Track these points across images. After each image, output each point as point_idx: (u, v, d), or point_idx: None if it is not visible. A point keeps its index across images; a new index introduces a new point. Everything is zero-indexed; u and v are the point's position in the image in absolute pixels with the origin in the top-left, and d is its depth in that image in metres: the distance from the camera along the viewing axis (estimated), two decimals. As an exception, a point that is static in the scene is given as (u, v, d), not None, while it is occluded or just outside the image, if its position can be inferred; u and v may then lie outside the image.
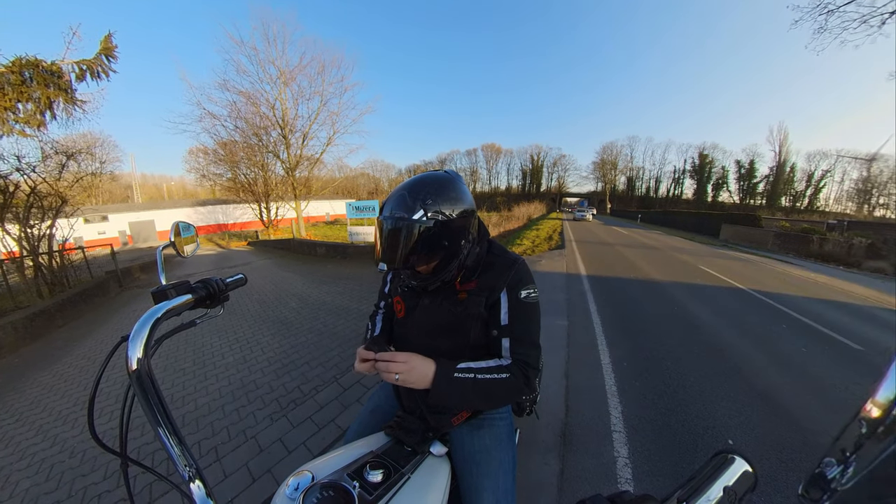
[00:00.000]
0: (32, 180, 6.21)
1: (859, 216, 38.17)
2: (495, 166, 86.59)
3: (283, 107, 19.66)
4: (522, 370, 0.82)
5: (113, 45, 5.93)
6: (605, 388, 2.73)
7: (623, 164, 70.08)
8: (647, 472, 1.88)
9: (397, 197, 0.80)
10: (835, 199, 49.50)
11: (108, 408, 2.75)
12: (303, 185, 21.28)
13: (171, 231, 0.92)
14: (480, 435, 0.92)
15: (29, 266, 6.34)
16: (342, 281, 6.98)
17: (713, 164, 58.40)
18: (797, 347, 3.66)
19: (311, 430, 2.26)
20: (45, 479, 2.00)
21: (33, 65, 5.20)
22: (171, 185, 57.85)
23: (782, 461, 1.97)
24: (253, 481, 1.85)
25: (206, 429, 2.35)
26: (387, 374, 0.76)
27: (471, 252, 0.87)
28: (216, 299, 0.75)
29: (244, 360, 3.42)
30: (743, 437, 2.19)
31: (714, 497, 0.39)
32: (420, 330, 0.93)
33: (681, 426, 2.27)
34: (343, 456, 0.80)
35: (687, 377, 2.94)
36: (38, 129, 5.63)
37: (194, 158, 23.09)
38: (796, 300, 5.70)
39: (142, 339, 0.53)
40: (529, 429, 2.16)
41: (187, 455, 0.56)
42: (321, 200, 33.84)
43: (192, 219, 27.80)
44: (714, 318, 4.58)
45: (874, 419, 0.27)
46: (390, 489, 0.70)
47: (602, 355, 3.35)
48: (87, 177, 8.20)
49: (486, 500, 0.82)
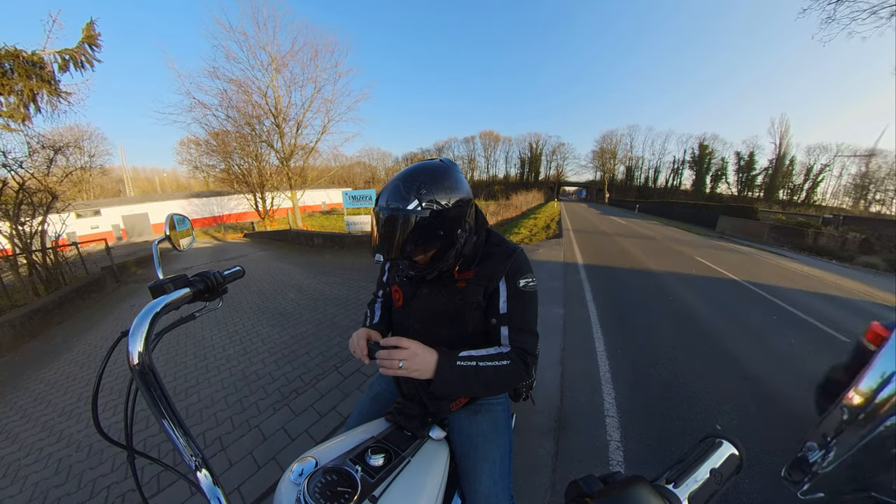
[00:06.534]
0: (20, 176, 6.07)
1: (855, 211, 38.34)
2: (493, 154, 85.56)
3: (275, 94, 19.13)
4: (521, 357, 0.84)
5: (96, 32, 5.72)
6: (600, 375, 2.79)
7: (622, 153, 69.35)
8: (638, 455, 1.95)
9: (392, 187, 0.79)
10: (832, 194, 49.46)
11: (112, 402, 2.78)
12: (298, 174, 20.94)
13: (166, 224, 0.90)
14: (478, 420, 0.95)
15: (23, 264, 6.28)
16: (340, 271, 6.98)
17: (713, 156, 57.98)
18: (787, 338, 3.74)
19: (314, 418, 2.31)
20: (53, 473, 2.04)
21: (13, 55, 5.01)
22: (163, 178, 56.78)
23: (767, 445, 2.05)
24: (258, 468, 1.90)
25: (209, 419, 2.39)
26: (389, 362, 0.74)
27: (468, 241, 0.88)
28: (214, 292, 0.75)
29: (245, 352, 3.45)
30: (730, 422, 2.26)
31: (701, 478, 0.40)
32: (419, 319, 0.94)
33: (671, 411, 2.34)
34: (345, 442, 0.82)
35: (679, 364, 3.00)
36: (22, 123, 5.48)
37: (186, 150, 22.59)
38: (788, 292, 5.78)
39: (142, 333, 0.53)
40: (526, 414, 2.22)
41: (192, 445, 0.57)
42: (317, 190, 33.44)
43: (186, 211, 27.46)
44: (708, 308, 4.65)
45: (855, 406, 0.28)
46: (391, 472, 0.73)
47: (597, 343, 3.41)
48: (77, 171, 8.06)
49: (484, 481, 0.85)
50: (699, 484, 0.40)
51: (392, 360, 0.75)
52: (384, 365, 0.75)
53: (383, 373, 0.77)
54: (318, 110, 20.40)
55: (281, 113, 19.32)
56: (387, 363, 0.75)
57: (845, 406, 0.27)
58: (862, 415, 0.26)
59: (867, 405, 0.26)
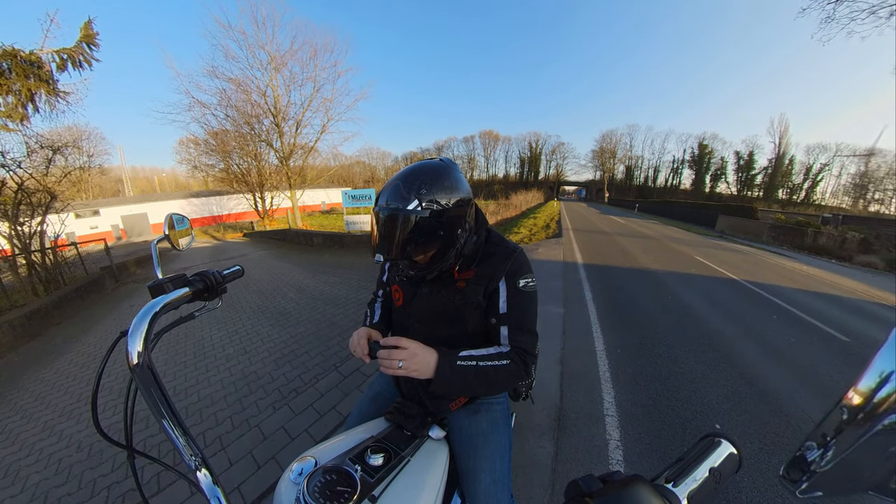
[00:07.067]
0: (19, 176, 6.05)
1: (854, 211, 38.44)
2: (493, 154, 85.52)
3: (274, 94, 19.09)
4: (521, 357, 0.84)
5: (94, 32, 5.69)
6: (599, 374, 2.80)
7: (622, 152, 69.40)
8: (637, 454, 1.96)
9: (392, 187, 0.79)
10: (831, 193, 49.54)
11: (112, 402, 2.78)
12: (297, 174, 20.92)
13: (165, 224, 0.90)
14: (478, 419, 0.95)
15: (22, 264, 6.26)
16: (340, 270, 6.98)
17: (712, 155, 58.01)
18: (786, 337, 3.74)
19: (313, 418, 2.31)
20: (53, 474, 2.04)
21: (11, 55, 4.99)
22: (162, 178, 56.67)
23: (765, 444, 2.05)
24: (258, 468, 1.90)
25: (209, 419, 2.39)
26: (389, 362, 0.75)
27: (468, 241, 0.88)
28: (214, 292, 0.75)
29: (245, 352, 3.45)
30: (730, 421, 2.27)
31: (700, 477, 0.41)
32: (419, 318, 0.94)
33: (671, 411, 2.35)
34: (345, 441, 0.82)
35: (678, 364, 3.01)
36: (20, 123, 5.46)
37: (185, 149, 22.59)
38: (788, 291, 5.79)
39: (141, 333, 0.53)
40: (525, 413, 2.22)
41: (192, 445, 0.58)
42: (317, 189, 33.40)
43: (185, 211, 27.39)
44: (707, 307, 4.66)
45: (855, 406, 0.28)
46: (391, 472, 0.73)
47: (597, 342, 3.42)
48: (76, 171, 8.03)
49: (483, 481, 0.85)
50: (698, 483, 0.40)
51: (392, 360, 0.75)
52: (384, 364, 0.76)
53: (384, 372, 0.77)
54: (318, 109, 20.39)
55: (280, 112, 19.29)
56: (386, 363, 0.75)
57: (845, 406, 0.27)
58: (861, 414, 0.26)
59: (866, 404, 0.26)
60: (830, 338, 3.81)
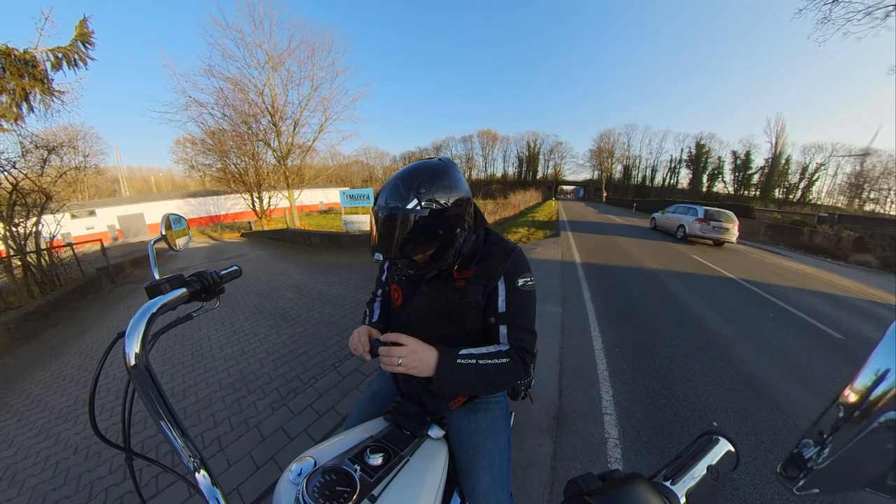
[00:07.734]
0: (13, 177, 6.00)
1: (850, 210, 38.77)
2: (491, 153, 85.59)
3: (272, 93, 19.01)
4: (520, 355, 0.84)
5: (89, 30, 5.65)
6: (598, 373, 2.81)
7: (620, 152, 69.62)
8: (635, 453, 1.96)
9: (392, 186, 0.79)
10: (827, 193, 49.95)
11: (110, 404, 2.77)
12: (295, 173, 20.84)
13: (162, 224, 0.90)
14: (477, 418, 0.95)
15: (17, 265, 6.21)
16: (338, 270, 6.97)
17: (710, 154, 58.35)
18: (782, 336, 3.77)
19: (312, 418, 2.31)
20: (51, 476, 2.03)
21: (5, 53, 4.95)
22: (159, 178, 56.32)
23: (763, 442, 2.07)
24: (257, 468, 1.90)
25: (208, 420, 2.38)
26: (389, 359, 0.75)
27: (467, 240, 0.88)
28: (211, 292, 0.75)
29: (243, 352, 3.44)
30: (727, 419, 2.28)
31: (698, 475, 0.41)
32: (418, 318, 0.94)
33: (669, 409, 2.36)
34: (344, 441, 0.82)
35: (676, 362, 3.02)
36: (15, 122, 5.42)
37: (181, 149, 22.41)
38: (784, 290, 5.82)
39: (138, 334, 0.53)
40: (524, 412, 2.23)
41: (191, 446, 0.57)
42: (314, 189, 33.29)
43: (182, 211, 27.30)
44: (704, 306, 4.68)
45: (851, 404, 0.28)
46: (390, 472, 0.73)
47: (595, 341, 3.43)
48: (71, 171, 7.98)
49: (483, 479, 0.85)
50: (696, 480, 0.41)
51: (392, 357, 0.75)
52: (384, 361, 0.76)
53: (384, 369, 0.77)
54: (316, 109, 20.30)
55: (278, 111, 19.22)
56: (386, 360, 0.76)
57: (841, 403, 0.27)
58: (857, 411, 0.27)
59: (862, 402, 0.26)
60: (826, 335, 3.84)
